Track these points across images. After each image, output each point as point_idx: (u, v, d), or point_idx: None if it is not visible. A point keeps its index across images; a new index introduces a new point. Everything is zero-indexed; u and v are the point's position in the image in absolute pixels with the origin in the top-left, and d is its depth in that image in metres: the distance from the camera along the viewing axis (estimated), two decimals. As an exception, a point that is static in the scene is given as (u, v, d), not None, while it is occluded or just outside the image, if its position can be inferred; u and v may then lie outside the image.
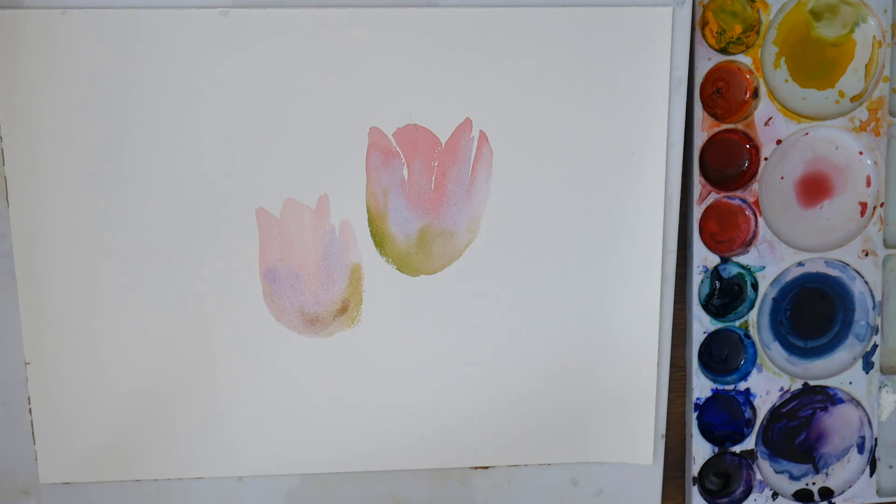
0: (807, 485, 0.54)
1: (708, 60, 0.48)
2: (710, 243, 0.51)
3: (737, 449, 0.53)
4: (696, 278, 0.51)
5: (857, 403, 0.54)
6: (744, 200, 0.50)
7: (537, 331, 0.49)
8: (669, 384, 0.51)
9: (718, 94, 0.49)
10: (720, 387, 0.52)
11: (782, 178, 0.51)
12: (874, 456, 0.54)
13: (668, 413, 0.52)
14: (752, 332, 0.52)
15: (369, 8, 0.45)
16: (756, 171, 0.50)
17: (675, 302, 0.50)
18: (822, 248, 0.52)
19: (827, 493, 0.54)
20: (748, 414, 0.53)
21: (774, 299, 0.52)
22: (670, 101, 0.47)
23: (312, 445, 0.50)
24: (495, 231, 0.48)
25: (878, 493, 0.55)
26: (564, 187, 0.48)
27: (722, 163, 0.50)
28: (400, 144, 0.47)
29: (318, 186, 0.47)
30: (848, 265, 0.52)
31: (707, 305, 0.51)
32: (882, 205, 0.52)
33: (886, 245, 0.52)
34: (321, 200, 0.47)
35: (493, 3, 0.45)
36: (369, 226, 0.47)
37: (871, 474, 0.54)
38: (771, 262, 0.51)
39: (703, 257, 0.50)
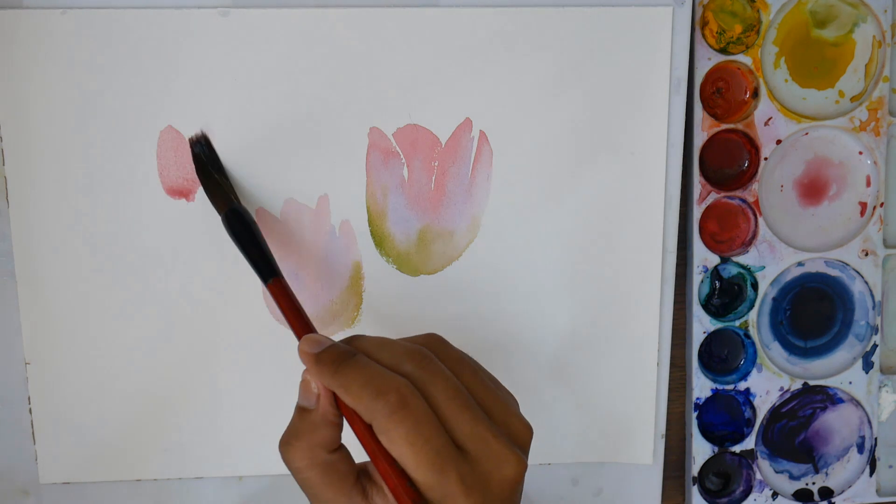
0: (807, 485, 0.55)
1: (708, 60, 0.48)
2: (710, 243, 0.51)
3: (737, 449, 0.53)
4: (696, 278, 0.51)
5: (857, 403, 0.54)
6: (744, 200, 0.50)
7: (537, 331, 0.49)
8: (669, 384, 0.51)
9: (718, 94, 0.49)
10: (720, 387, 0.52)
11: (782, 177, 0.51)
12: (874, 456, 0.54)
13: (668, 413, 0.52)
14: (752, 331, 0.52)
15: (369, 8, 0.45)
16: (756, 171, 0.50)
17: (675, 302, 0.50)
18: (822, 248, 0.52)
19: (827, 492, 0.54)
20: (748, 414, 0.53)
21: (774, 299, 0.52)
22: (670, 101, 0.47)
23: (312, 445, 0.50)
24: (495, 231, 0.48)
25: (878, 492, 0.55)
26: (564, 187, 0.48)
27: (722, 163, 0.50)
28: (400, 144, 0.47)
29: (318, 186, 0.47)
30: (848, 265, 0.52)
31: (707, 305, 0.51)
32: (882, 205, 0.52)
33: (886, 245, 0.52)
34: (321, 200, 0.47)
35: (493, 3, 0.45)
36: (369, 226, 0.47)
37: (871, 474, 0.54)
38: (771, 262, 0.51)
39: (703, 257, 0.50)
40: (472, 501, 0.32)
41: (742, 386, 0.52)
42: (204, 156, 0.44)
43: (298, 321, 0.38)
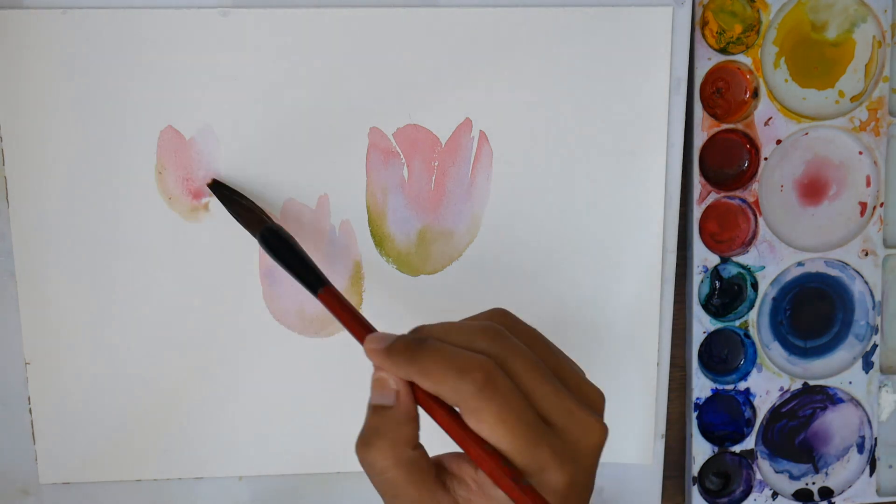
0: (807, 484, 0.55)
1: (708, 60, 0.48)
2: (710, 243, 0.51)
3: (737, 449, 0.53)
4: (696, 278, 0.51)
5: (857, 403, 0.54)
6: (744, 200, 0.50)
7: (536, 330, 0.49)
8: (669, 384, 0.51)
9: (718, 94, 0.49)
10: (720, 387, 0.52)
11: (782, 177, 0.51)
12: (874, 456, 0.54)
13: (667, 413, 0.52)
14: (752, 331, 0.52)
15: (369, 8, 0.45)
16: (756, 171, 0.50)
17: (675, 302, 0.50)
18: (822, 248, 0.52)
19: (827, 492, 0.54)
20: (748, 414, 0.53)
21: (774, 299, 0.52)
22: (670, 101, 0.47)
23: (313, 445, 0.50)
24: (495, 231, 0.48)
25: (878, 492, 0.55)
26: (564, 187, 0.48)
27: (722, 163, 0.50)
28: (400, 144, 0.47)
29: (318, 186, 0.47)
30: (848, 265, 0.52)
31: (707, 305, 0.51)
32: (882, 205, 0.52)
33: (886, 245, 0.52)
34: (321, 200, 0.47)
35: (493, 3, 0.45)
36: (369, 226, 0.47)
37: (871, 474, 0.54)
38: (771, 262, 0.51)
39: (703, 257, 0.50)
40: (566, 472, 0.31)
41: (742, 386, 0.52)
42: (224, 186, 0.45)
43: (357, 324, 0.36)
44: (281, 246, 0.41)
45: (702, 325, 0.51)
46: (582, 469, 0.32)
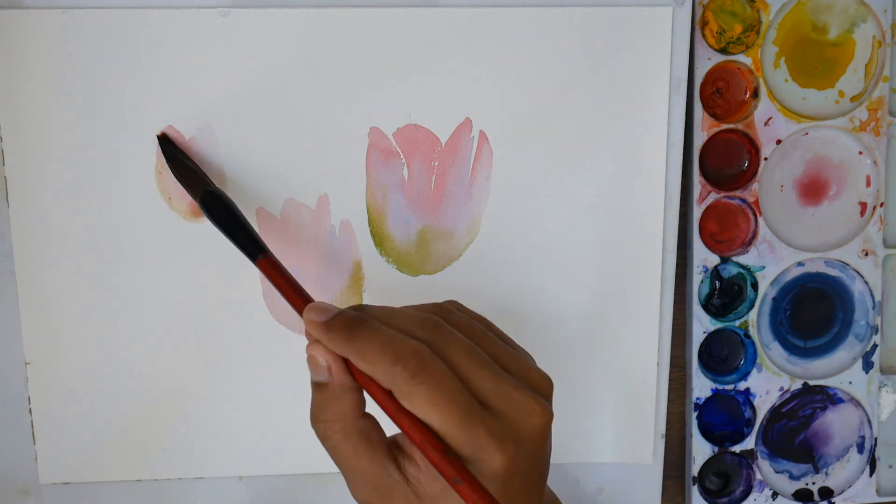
0: (807, 484, 0.55)
1: (708, 60, 0.48)
2: (710, 243, 0.51)
3: (737, 449, 0.53)
4: (696, 278, 0.51)
5: (857, 403, 0.54)
6: (744, 200, 0.50)
7: (536, 330, 0.49)
8: (669, 384, 0.51)
9: (718, 94, 0.49)
10: (720, 386, 0.52)
11: (782, 177, 0.51)
12: (874, 456, 0.54)
13: (667, 413, 0.52)
14: (752, 331, 0.52)
15: (369, 8, 0.45)
16: (756, 171, 0.50)
17: (675, 302, 0.50)
18: (822, 248, 0.52)
19: (827, 492, 0.54)
20: (748, 414, 0.53)
21: (774, 299, 0.52)
22: (670, 101, 0.47)
23: (313, 445, 0.50)
24: (495, 231, 0.48)
25: (878, 492, 0.55)
26: (564, 187, 0.48)
27: (722, 163, 0.50)
28: (400, 144, 0.47)
29: (318, 186, 0.47)
30: (848, 265, 0.52)
31: (707, 305, 0.51)
32: (882, 205, 0.52)
33: (886, 245, 0.52)
34: (321, 200, 0.47)
35: (493, 3, 0.45)
36: (369, 226, 0.47)
37: (871, 474, 0.54)
38: (771, 262, 0.51)
39: (703, 257, 0.50)
40: (506, 453, 0.32)
41: (742, 386, 0.52)
42: (172, 143, 0.44)
43: (295, 293, 0.37)
44: (221, 210, 0.40)
45: (702, 325, 0.51)
46: (524, 452, 0.33)
